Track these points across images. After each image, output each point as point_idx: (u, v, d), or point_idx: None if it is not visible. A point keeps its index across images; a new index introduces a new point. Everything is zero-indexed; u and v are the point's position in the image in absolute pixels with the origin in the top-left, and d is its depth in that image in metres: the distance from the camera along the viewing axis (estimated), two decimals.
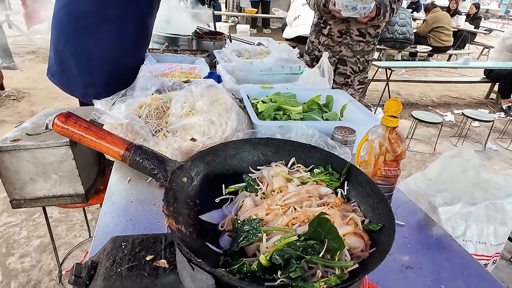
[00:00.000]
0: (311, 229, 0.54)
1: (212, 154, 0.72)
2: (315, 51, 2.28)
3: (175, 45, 2.31)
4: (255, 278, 0.51)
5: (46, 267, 1.97)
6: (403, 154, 0.89)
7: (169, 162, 0.63)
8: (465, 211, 1.24)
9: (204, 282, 0.47)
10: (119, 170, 1.08)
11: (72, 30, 1.55)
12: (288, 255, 0.51)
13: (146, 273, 0.55)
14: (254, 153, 0.77)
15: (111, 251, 0.59)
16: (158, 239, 0.62)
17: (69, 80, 1.66)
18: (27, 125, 1.33)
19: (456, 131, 4.45)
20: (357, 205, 0.68)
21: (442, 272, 0.79)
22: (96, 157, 1.47)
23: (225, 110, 1.11)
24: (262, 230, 0.57)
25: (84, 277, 0.55)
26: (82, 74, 1.62)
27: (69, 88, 1.70)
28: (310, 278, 0.51)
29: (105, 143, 0.62)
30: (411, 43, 6.80)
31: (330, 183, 0.72)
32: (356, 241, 0.57)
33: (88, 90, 1.66)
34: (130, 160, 0.62)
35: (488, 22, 13.23)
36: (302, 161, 0.77)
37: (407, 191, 1.50)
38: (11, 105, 4.12)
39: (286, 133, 1.08)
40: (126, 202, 0.94)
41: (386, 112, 0.88)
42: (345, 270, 0.51)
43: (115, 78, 1.61)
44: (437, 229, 0.94)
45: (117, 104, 1.13)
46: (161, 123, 1.17)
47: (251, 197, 0.69)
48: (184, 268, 0.52)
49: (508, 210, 1.22)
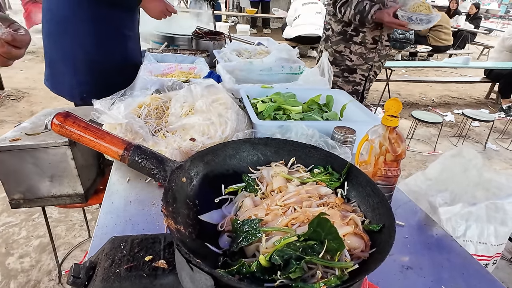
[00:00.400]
0: (311, 230, 0.53)
1: (212, 154, 0.71)
2: (346, 61, 2.19)
3: (175, 45, 2.31)
4: (255, 279, 0.50)
5: (46, 267, 1.97)
6: (403, 154, 0.88)
7: (168, 162, 0.63)
8: (465, 211, 1.24)
9: (203, 282, 0.47)
10: (119, 170, 1.08)
11: (56, 33, 1.61)
12: (287, 255, 0.51)
13: (145, 273, 0.55)
14: (254, 153, 0.77)
15: (110, 251, 0.59)
16: (157, 240, 0.62)
17: (58, 82, 1.72)
18: (26, 125, 1.32)
19: (456, 131, 4.45)
20: (357, 205, 0.68)
21: (443, 272, 0.78)
22: (96, 157, 1.46)
23: (225, 110, 1.11)
24: (261, 231, 0.57)
25: (83, 277, 0.54)
26: (67, 75, 1.66)
27: (58, 90, 1.75)
28: (310, 278, 0.50)
29: (104, 143, 0.62)
30: (411, 43, 6.79)
31: (330, 183, 0.71)
32: (356, 242, 0.57)
33: (74, 91, 1.70)
34: (129, 160, 0.62)
35: (488, 22, 13.24)
36: (302, 161, 0.77)
37: (407, 191, 1.49)
38: (10, 105, 4.12)
39: (286, 133, 1.08)
40: (125, 202, 0.93)
41: (386, 112, 0.88)
42: (345, 270, 0.51)
43: (99, 78, 1.66)
44: (437, 229, 0.94)
45: (116, 104, 1.12)
46: (160, 123, 1.16)
47: (250, 197, 0.69)
48: (183, 269, 0.51)
49: (508, 210, 1.22)
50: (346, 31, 2.11)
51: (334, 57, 2.22)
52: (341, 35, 2.15)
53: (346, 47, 2.16)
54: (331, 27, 2.20)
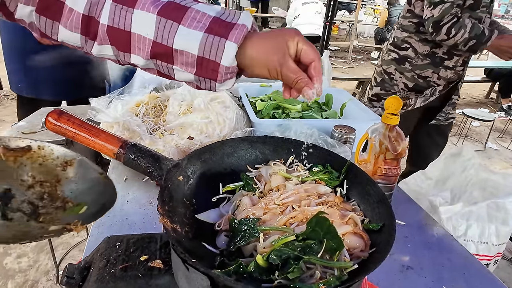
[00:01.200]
0: (309, 229, 0.52)
1: (209, 153, 0.70)
2: (435, 85, 1.84)
3: None
4: (252, 279, 0.49)
5: (43, 267, 1.96)
6: (403, 152, 0.87)
7: (164, 160, 0.62)
8: (466, 211, 1.23)
9: (199, 283, 0.46)
10: (116, 169, 1.07)
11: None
12: (285, 255, 0.50)
13: (140, 273, 0.53)
14: (252, 152, 0.76)
15: (105, 251, 0.57)
16: (153, 239, 0.61)
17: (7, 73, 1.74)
18: (23, 124, 1.32)
19: (456, 130, 4.44)
20: (356, 204, 0.67)
21: (443, 272, 0.77)
22: (93, 156, 1.45)
23: (223, 108, 1.10)
24: (259, 230, 0.56)
25: (77, 277, 0.53)
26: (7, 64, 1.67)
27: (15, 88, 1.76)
28: (309, 279, 0.49)
29: (99, 141, 0.61)
30: None
31: (329, 182, 0.70)
32: (356, 241, 0.56)
33: (11, 81, 1.72)
34: (124, 158, 0.61)
35: None
36: (301, 160, 0.76)
37: (408, 190, 1.48)
38: (9, 105, 4.11)
39: (285, 131, 1.07)
40: (122, 201, 0.92)
41: (386, 110, 0.87)
42: (344, 270, 0.50)
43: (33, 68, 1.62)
44: (438, 228, 0.93)
45: (113, 102, 1.12)
46: (158, 122, 1.15)
47: (248, 196, 0.68)
48: (179, 269, 0.50)
49: (510, 209, 1.21)
50: (436, 53, 1.74)
51: (416, 83, 1.83)
52: (429, 58, 1.76)
53: (434, 73, 1.78)
54: (412, 46, 1.78)
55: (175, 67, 0.57)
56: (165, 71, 0.60)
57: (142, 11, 0.54)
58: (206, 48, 0.53)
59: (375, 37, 7.46)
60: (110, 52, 0.58)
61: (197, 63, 0.55)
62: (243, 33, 0.54)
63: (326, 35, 4.94)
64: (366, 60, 7.81)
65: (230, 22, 0.54)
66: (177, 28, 0.53)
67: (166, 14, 0.54)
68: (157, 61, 0.57)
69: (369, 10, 10.67)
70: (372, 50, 8.29)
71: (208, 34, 0.53)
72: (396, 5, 6.91)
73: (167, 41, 0.54)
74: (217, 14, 0.55)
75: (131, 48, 0.56)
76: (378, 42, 7.27)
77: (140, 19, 0.54)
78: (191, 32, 0.53)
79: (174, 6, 0.54)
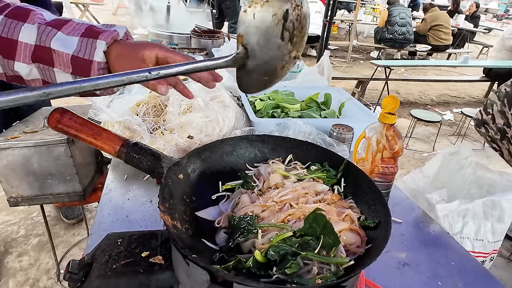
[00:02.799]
0: (307, 225, 0.54)
1: (209, 151, 0.72)
2: None
3: (173, 44, 2.31)
4: (251, 274, 0.50)
5: (44, 266, 1.97)
6: (400, 151, 0.89)
7: (165, 159, 0.63)
8: (462, 208, 1.24)
9: (199, 277, 0.47)
10: (117, 167, 1.08)
11: None
12: (283, 251, 0.51)
13: (142, 269, 0.55)
14: (251, 150, 0.77)
15: (107, 247, 0.59)
16: (154, 236, 0.62)
17: None
18: (24, 123, 1.32)
19: (455, 130, 4.45)
20: (353, 202, 0.68)
21: (439, 269, 0.79)
22: (94, 155, 1.46)
23: (223, 107, 1.11)
24: (258, 227, 0.57)
25: (79, 273, 0.54)
26: None
27: None
28: (306, 274, 0.51)
29: (101, 139, 0.62)
30: (411, 42, 6.80)
31: (327, 180, 0.71)
32: (352, 238, 0.57)
33: None
34: (125, 156, 0.62)
35: (487, 21, 13.24)
36: (299, 158, 0.77)
37: (405, 188, 1.50)
38: None
39: (284, 130, 1.08)
40: (123, 199, 0.93)
41: (384, 109, 0.88)
42: (340, 266, 0.51)
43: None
44: (434, 226, 0.94)
45: (114, 102, 1.13)
46: (158, 121, 1.16)
47: (247, 194, 0.69)
48: (179, 264, 0.51)
49: (505, 207, 1.22)
50: None
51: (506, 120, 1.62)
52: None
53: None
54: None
55: (56, 69, 0.63)
56: (47, 75, 0.65)
57: (30, 24, 0.62)
58: (81, 49, 0.61)
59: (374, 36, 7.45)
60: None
61: (71, 62, 0.62)
62: (113, 35, 0.62)
63: (325, 35, 4.94)
64: (365, 59, 7.81)
65: (103, 30, 0.63)
66: (55, 33, 0.62)
67: (50, 24, 0.63)
68: (39, 64, 0.63)
69: (368, 9, 10.67)
70: (372, 50, 8.29)
71: (83, 37, 0.62)
72: (395, 5, 6.90)
73: (45, 43, 0.61)
74: (94, 24, 0.63)
75: (16, 55, 0.62)
76: (378, 41, 7.26)
77: (28, 30, 0.61)
78: (67, 37, 0.62)
79: (58, 20, 0.64)
